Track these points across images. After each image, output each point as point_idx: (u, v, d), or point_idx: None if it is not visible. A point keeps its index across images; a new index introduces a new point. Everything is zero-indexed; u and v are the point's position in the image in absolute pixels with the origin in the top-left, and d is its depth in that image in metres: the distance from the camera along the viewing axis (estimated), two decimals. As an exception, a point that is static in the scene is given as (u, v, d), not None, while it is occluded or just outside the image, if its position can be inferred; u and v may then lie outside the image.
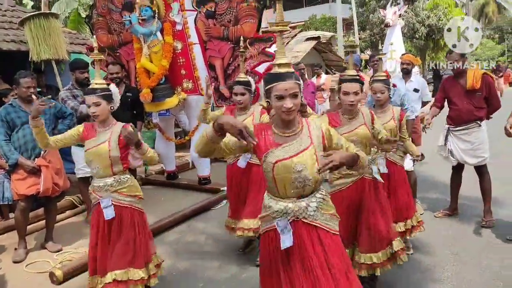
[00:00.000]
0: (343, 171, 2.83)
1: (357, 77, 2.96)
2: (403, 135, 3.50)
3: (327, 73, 13.22)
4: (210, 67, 5.51)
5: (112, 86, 3.00)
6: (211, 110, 5.66)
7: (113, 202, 2.86)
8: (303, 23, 22.58)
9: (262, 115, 3.58)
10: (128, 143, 2.87)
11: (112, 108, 2.91)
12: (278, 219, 2.05)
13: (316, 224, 2.05)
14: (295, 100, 1.95)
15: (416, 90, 5.21)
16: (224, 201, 5.42)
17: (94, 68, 6.51)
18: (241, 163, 3.65)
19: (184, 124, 7.07)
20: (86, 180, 4.78)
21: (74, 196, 5.27)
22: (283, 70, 1.97)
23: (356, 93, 2.88)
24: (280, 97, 1.94)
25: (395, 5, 10.99)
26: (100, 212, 2.87)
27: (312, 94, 7.31)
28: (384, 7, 10.42)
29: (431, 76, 21.52)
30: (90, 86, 2.92)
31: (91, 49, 6.56)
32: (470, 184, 4.63)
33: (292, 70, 2.00)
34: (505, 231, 4.03)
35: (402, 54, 5.90)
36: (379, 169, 3.08)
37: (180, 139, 6.74)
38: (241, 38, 4.01)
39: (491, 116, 4.36)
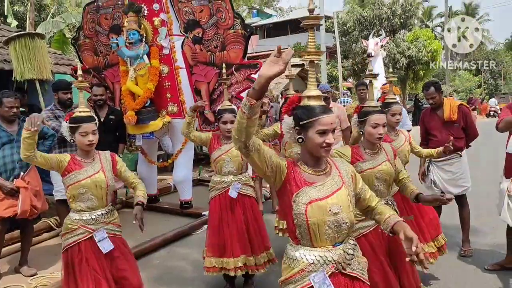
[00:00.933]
0: None
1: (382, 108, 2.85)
2: (416, 149, 3.69)
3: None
4: (196, 91, 5.56)
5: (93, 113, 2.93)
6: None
7: (108, 234, 2.77)
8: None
9: None
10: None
11: (98, 136, 2.84)
12: (313, 273, 1.76)
13: (355, 275, 1.83)
14: (333, 136, 1.80)
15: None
16: (205, 226, 5.37)
17: (77, 89, 6.47)
18: (232, 193, 3.51)
19: (167, 147, 7.04)
20: (65, 202, 4.66)
21: (51, 218, 5.15)
22: (316, 102, 1.79)
23: (384, 125, 2.71)
24: (323, 132, 1.75)
25: (377, 36, 11.37)
26: (89, 247, 2.72)
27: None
28: (367, 38, 10.76)
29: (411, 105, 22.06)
30: (83, 114, 2.76)
31: (75, 72, 6.56)
32: (449, 213, 4.70)
33: (320, 103, 1.82)
34: (483, 260, 4.09)
35: (383, 84, 6.06)
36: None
37: (162, 162, 6.70)
38: (223, 66, 4.04)
39: (470, 144, 4.47)
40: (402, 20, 21.04)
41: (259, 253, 3.54)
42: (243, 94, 5.29)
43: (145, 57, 5.40)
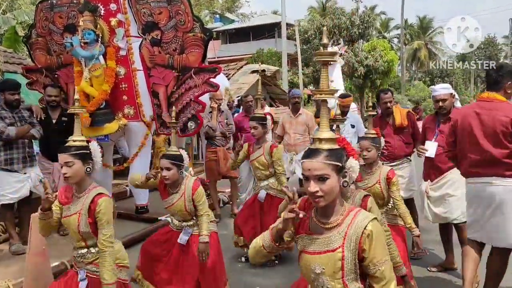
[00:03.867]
0: None
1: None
2: (395, 199, 3.20)
3: (271, 105, 13.57)
4: (153, 94, 5.47)
5: (93, 144, 2.59)
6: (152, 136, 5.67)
7: (88, 274, 2.53)
8: (250, 56, 23.20)
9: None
10: None
11: (88, 170, 2.49)
12: None
13: None
14: (323, 185, 1.60)
15: (352, 126, 5.49)
16: (162, 231, 5.27)
17: (28, 88, 6.22)
18: (182, 239, 3.25)
19: (123, 150, 6.88)
20: (11, 207, 4.49)
21: (-3, 224, 4.89)
22: (319, 145, 1.67)
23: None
24: (305, 177, 1.64)
25: (336, 45, 11.64)
26: (74, 281, 2.56)
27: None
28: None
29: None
30: (66, 144, 2.50)
31: (26, 71, 6.29)
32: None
33: (331, 146, 1.66)
34: (430, 261, 4.28)
35: (338, 96, 6.23)
36: None
37: (118, 165, 6.53)
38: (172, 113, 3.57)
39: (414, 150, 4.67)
40: (360, 31, 21.70)
41: None
42: (202, 98, 5.27)
43: (101, 57, 5.25)
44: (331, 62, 8.20)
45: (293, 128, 5.94)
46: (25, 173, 4.50)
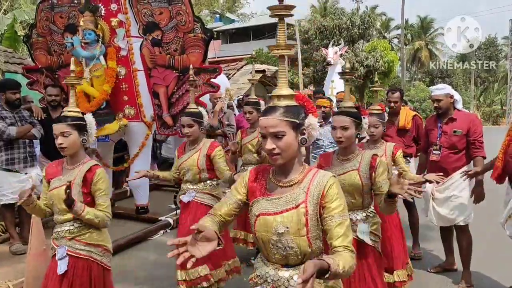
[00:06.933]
0: None
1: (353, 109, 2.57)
2: (402, 169, 3.32)
3: (271, 105, 13.58)
4: (154, 94, 5.48)
5: (88, 116, 2.58)
6: (153, 138, 5.66)
7: (68, 252, 2.40)
8: (250, 55, 23.19)
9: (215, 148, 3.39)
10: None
11: (84, 141, 2.47)
12: (259, 286, 1.69)
13: None
14: (279, 142, 1.56)
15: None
16: (162, 231, 5.28)
17: (29, 88, 6.21)
18: (184, 198, 3.44)
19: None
20: (11, 207, 4.48)
21: (-3, 224, 4.89)
22: (276, 102, 1.61)
23: (342, 128, 2.47)
24: (263, 136, 1.59)
25: (336, 46, 11.64)
26: (55, 265, 2.42)
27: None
28: (326, 47, 10.99)
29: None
30: (62, 114, 2.49)
31: (27, 71, 6.29)
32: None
33: (288, 103, 1.61)
34: (431, 262, 4.28)
35: (337, 92, 6.25)
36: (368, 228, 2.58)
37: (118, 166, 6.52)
38: (190, 67, 3.92)
39: (418, 154, 4.66)
40: (360, 31, 21.72)
41: (220, 265, 3.41)
42: (202, 99, 5.27)
43: (102, 58, 5.26)
44: (332, 63, 8.30)
45: None
46: (26, 173, 4.51)
